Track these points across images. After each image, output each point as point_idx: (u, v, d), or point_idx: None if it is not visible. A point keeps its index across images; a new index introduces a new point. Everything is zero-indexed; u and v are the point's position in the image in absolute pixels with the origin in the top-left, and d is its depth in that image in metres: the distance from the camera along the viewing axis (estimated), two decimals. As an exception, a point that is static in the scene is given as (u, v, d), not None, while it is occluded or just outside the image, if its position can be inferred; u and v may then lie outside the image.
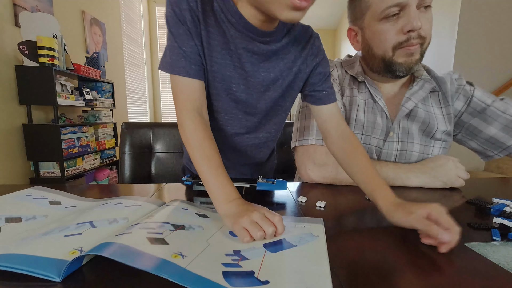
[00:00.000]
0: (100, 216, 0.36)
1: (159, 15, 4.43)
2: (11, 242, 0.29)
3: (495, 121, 0.66)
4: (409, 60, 0.60)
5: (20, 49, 1.72)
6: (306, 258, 0.28)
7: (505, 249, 0.32)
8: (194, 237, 0.32)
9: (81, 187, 0.57)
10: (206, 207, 0.44)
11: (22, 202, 0.42)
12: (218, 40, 0.45)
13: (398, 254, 0.31)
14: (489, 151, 0.70)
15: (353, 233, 0.37)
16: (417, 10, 0.56)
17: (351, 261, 0.29)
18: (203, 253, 0.28)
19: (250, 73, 0.49)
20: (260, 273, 0.25)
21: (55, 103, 1.80)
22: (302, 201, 0.49)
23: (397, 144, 0.67)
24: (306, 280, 0.24)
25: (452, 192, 0.57)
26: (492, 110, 0.66)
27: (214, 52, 0.46)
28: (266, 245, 0.31)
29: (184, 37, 0.43)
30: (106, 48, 3.01)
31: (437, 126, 0.66)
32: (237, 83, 0.50)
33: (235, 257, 0.29)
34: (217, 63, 0.47)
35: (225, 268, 0.26)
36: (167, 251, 0.26)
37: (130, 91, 3.65)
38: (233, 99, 0.52)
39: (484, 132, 0.67)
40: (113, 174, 2.58)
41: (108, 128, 2.47)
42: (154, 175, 0.89)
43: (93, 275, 0.26)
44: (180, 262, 0.25)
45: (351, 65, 0.73)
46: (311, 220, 0.39)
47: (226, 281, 0.23)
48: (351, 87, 0.70)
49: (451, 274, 0.27)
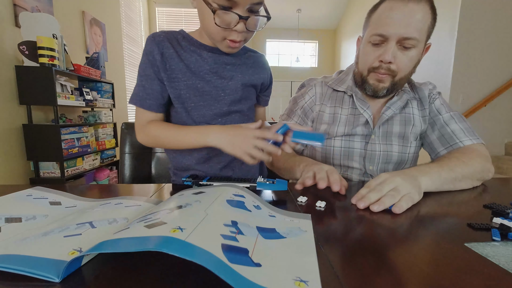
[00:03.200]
0: (100, 216, 0.36)
1: (159, 15, 4.44)
2: (11, 242, 0.29)
3: (437, 130, 0.73)
4: (378, 85, 0.68)
5: (20, 49, 1.72)
6: (295, 249, 0.29)
7: (505, 249, 0.32)
8: (192, 210, 0.32)
9: (81, 187, 0.57)
10: (203, 188, 0.45)
11: (23, 202, 0.42)
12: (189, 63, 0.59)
13: (398, 253, 0.31)
14: (431, 155, 0.77)
15: (353, 233, 0.37)
16: (396, 47, 0.62)
17: (352, 261, 0.29)
18: (202, 223, 0.28)
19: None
20: (253, 254, 0.26)
21: (55, 103, 1.80)
22: (302, 201, 0.49)
23: (379, 146, 0.73)
24: (295, 269, 0.25)
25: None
26: (440, 119, 0.73)
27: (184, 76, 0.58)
28: (259, 228, 0.32)
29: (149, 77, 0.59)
30: (106, 48, 3.01)
31: (414, 126, 0.74)
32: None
33: (232, 228, 0.29)
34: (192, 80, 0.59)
35: (224, 240, 0.26)
36: (165, 228, 0.26)
37: (130, 91, 3.65)
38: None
39: (429, 137, 0.75)
40: (113, 174, 2.58)
41: (108, 128, 2.47)
42: (154, 175, 0.89)
43: (93, 275, 0.26)
44: (179, 235, 0.24)
45: (341, 81, 0.79)
46: (299, 216, 0.40)
47: (224, 255, 0.23)
48: (333, 105, 0.78)
49: (451, 274, 0.27)
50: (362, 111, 0.73)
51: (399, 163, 0.74)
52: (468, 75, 2.79)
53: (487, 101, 2.78)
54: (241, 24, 0.49)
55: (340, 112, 0.76)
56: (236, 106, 0.63)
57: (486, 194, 0.56)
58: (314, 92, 0.80)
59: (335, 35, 6.69)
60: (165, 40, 0.57)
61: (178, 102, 0.60)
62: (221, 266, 0.22)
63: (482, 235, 0.36)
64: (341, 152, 0.75)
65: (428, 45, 0.66)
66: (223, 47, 0.55)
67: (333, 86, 0.79)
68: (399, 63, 0.63)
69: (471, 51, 2.74)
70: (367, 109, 0.73)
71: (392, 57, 0.62)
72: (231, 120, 0.63)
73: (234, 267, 0.22)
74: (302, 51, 6.94)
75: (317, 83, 0.81)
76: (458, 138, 0.69)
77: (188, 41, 0.59)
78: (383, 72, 0.65)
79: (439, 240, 0.34)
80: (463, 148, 0.67)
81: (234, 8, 0.48)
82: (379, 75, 0.66)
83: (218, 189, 0.43)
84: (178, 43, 0.59)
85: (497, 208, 0.45)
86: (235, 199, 0.39)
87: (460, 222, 0.40)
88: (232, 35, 0.51)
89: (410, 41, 0.60)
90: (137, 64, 3.91)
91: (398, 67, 0.64)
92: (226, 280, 0.21)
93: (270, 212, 0.40)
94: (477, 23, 2.70)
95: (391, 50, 0.61)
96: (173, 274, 0.26)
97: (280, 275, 0.24)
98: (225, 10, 0.47)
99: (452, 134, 0.70)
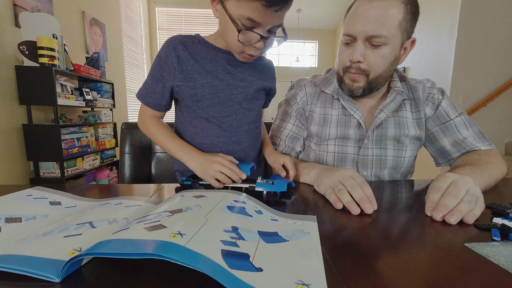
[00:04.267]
0: (100, 216, 0.36)
1: (159, 15, 4.44)
2: (11, 242, 0.29)
3: (449, 136, 0.71)
4: (352, 84, 0.67)
5: (20, 49, 1.72)
6: (298, 252, 0.29)
7: (505, 249, 0.32)
8: (192, 215, 0.32)
9: (81, 187, 0.57)
10: (203, 189, 0.44)
11: (23, 202, 0.42)
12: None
13: (398, 254, 0.31)
14: (439, 159, 0.75)
15: (354, 233, 0.37)
16: (365, 45, 0.61)
17: (351, 260, 0.29)
18: (202, 229, 0.28)
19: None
20: (254, 259, 0.26)
21: (55, 103, 1.80)
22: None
23: (372, 151, 0.72)
24: (298, 272, 0.25)
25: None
26: (451, 124, 0.71)
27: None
28: (260, 233, 0.32)
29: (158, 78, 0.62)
30: (106, 48, 3.01)
31: (407, 131, 0.71)
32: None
33: (233, 234, 0.29)
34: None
35: (224, 246, 0.26)
36: (165, 233, 0.26)
37: (130, 91, 3.65)
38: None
39: (439, 142, 0.73)
40: (113, 174, 2.58)
41: (108, 128, 2.47)
42: (154, 175, 0.89)
43: (93, 275, 0.26)
44: (179, 241, 0.24)
45: (328, 82, 0.77)
46: (303, 218, 0.40)
47: (224, 261, 0.23)
48: (323, 105, 0.76)
49: (451, 274, 0.27)
50: (352, 112, 0.72)
51: (394, 168, 0.73)
52: (468, 75, 2.78)
53: (487, 101, 2.78)
54: (261, 42, 0.54)
55: (331, 112, 0.74)
56: (248, 104, 0.66)
57: (486, 194, 0.56)
58: (304, 92, 0.78)
59: (335, 35, 6.69)
60: (181, 43, 0.60)
61: (193, 100, 0.63)
62: (221, 272, 0.22)
63: (482, 235, 0.36)
64: (334, 158, 0.73)
65: (412, 39, 0.64)
66: (239, 57, 0.60)
67: (320, 87, 0.77)
68: (369, 61, 0.62)
69: (471, 51, 2.74)
70: (357, 111, 0.71)
71: (360, 57, 0.61)
72: (244, 117, 0.66)
73: (234, 273, 0.22)
74: (302, 51, 6.94)
75: (307, 82, 0.80)
76: (473, 144, 0.68)
77: (203, 44, 0.63)
78: (354, 71, 0.65)
79: (439, 240, 0.34)
80: (484, 151, 0.67)
81: (256, 28, 0.52)
82: (351, 74, 0.66)
83: (219, 194, 0.43)
84: (194, 46, 0.62)
85: (497, 208, 0.45)
86: (236, 205, 0.39)
87: (460, 222, 0.40)
88: (250, 50, 0.56)
89: (377, 39, 0.59)
90: (137, 64, 3.93)
91: (369, 65, 0.63)
92: (225, 285, 0.21)
93: (272, 216, 0.40)
94: (477, 23, 2.69)
95: (358, 49, 0.61)
96: (173, 274, 0.26)
97: (282, 279, 0.24)
98: (248, 30, 0.51)
99: (466, 140, 0.69)
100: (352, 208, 0.43)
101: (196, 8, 4.38)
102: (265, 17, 0.50)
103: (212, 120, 0.64)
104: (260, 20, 0.50)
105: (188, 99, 0.63)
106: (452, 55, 2.74)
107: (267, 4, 0.48)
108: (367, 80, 0.65)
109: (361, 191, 0.45)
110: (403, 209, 0.46)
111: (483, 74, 2.80)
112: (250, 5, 0.48)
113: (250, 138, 0.69)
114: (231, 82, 0.63)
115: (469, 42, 2.71)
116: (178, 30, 4.51)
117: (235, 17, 0.51)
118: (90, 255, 0.25)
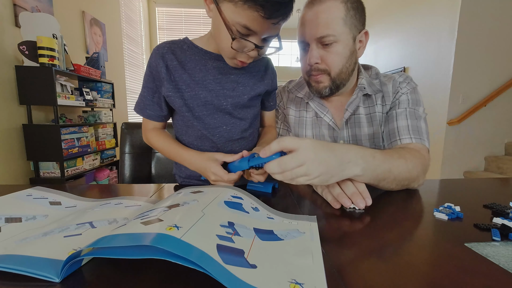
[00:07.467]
0: (100, 216, 0.36)
1: (159, 15, 4.44)
2: (11, 242, 0.29)
3: (387, 125, 0.70)
4: (318, 86, 0.69)
5: (20, 49, 1.72)
6: (292, 251, 0.29)
7: (505, 249, 0.32)
8: (189, 209, 0.32)
9: (81, 187, 0.57)
10: (201, 187, 0.45)
11: (23, 202, 0.42)
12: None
13: (398, 253, 0.31)
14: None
15: (354, 233, 0.37)
16: (318, 47, 0.64)
17: (351, 260, 0.29)
18: (199, 223, 0.28)
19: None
20: (249, 256, 0.26)
21: (55, 103, 1.80)
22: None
23: None
24: (292, 271, 0.25)
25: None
26: (393, 114, 0.69)
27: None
28: (256, 230, 0.32)
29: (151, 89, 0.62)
30: (106, 48, 3.01)
31: (381, 127, 0.72)
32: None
33: (229, 229, 0.29)
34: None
35: (219, 240, 0.26)
36: (161, 225, 0.26)
37: (130, 91, 3.65)
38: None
39: (382, 131, 0.72)
40: (113, 174, 2.58)
41: (108, 128, 2.47)
42: (154, 175, 0.89)
43: (93, 275, 0.26)
44: (175, 234, 0.24)
45: (301, 86, 0.80)
46: (301, 218, 0.40)
47: (219, 255, 0.23)
48: (298, 109, 0.79)
49: (451, 274, 0.27)
50: (322, 115, 0.73)
51: None
52: (468, 75, 2.78)
53: (487, 101, 2.78)
54: (255, 51, 0.53)
55: (305, 115, 0.77)
56: (240, 114, 0.64)
57: (486, 194, 0.56)
58: (280, 98, 0.82)
59: (335, 35, 6.69)
60: (169, 52, 0.58)
61: (185, 110, 0.61)
62: (215, 266, 0.22)
63: (482, 235, 0.36)
64: None
65: (364, 31, 0.65)
66: (230, 63, 0.57)
67: (293, 91, 0.80)
68: (326, 60, 0.65)
69: (471, 51, 2.74)
70: (326, 113, 0.73)
71: (317, 58, 0.64)
72: (235, 127, 0.64)
73: (228, 268, 0.22)
74: (302, 51, 6.94)
75: (281, 89, 0.83)
76: (400, 135, 0.65)
77: (192, 50, 0.60)
78: (315, 73, 0.67)
79: (439, 240, 0.34)
80: (402, 145, 0.63)
81: (251, 37, 0.50)
82: (314, 76, 0.68)
83: (216, 190, 0.43)
84: (183, 53, 0.60)
85: (497, 208, 0.45)
86: (233, 201, 0.39)
87: (460, 222, 0.40)
88: (243, 57, 0.54)
89: (326, 38, 0.62)
90: (137, 64, 3.94)
91: (327, 64, 0.65)
92: (219, 280, 0.21)
93: (269, 214, 0.40)
94: (477, 23, 2.69)
95: (313, 52, 0.64)
96: (173, 274, 0.26)
97: (275, 277, 0.24)
98: (242, 38, 0.50)
99: (397, 130, 0.66)
100: (344, 202, 0.44)
101: (196, 8, 4.38)
102: (262, 27, 0.48)
103: (204, 132, 0.62)
104: (257, 30, 0.49)
105: (178, 109, 0.61)
106: (452, 55, 2.74)
107: (266, 16, 0.46)
108: (330, 78, 0.67)
109: (352, 186, 0.46)
110: (403, 209, 0.46)
111: (483, 74, 2.80)
112: (247, 14, 0.46)
113: (243, 147, 0.67)
114: (221, 93, 0.61)
115: (469, 42, 2.71)
116: (178, 30, 4.52)
117: (230, 22, 0.48)
118: (88, 256, 0.25)
